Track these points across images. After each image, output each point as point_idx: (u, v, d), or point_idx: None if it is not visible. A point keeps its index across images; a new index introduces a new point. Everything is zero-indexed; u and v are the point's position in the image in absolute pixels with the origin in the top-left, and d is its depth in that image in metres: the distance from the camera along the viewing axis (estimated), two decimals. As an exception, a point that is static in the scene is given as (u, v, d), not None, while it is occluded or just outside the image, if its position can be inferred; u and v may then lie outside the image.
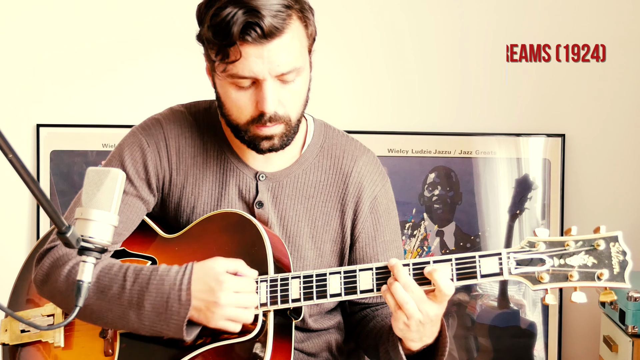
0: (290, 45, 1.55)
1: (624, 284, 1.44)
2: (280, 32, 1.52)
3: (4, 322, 1.83)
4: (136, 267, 1.61)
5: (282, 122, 1.60)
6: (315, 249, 1.74)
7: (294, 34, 1.55)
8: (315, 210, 1.73)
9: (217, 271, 1.54)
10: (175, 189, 1.73)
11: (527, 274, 1.48)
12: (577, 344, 2.97)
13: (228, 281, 1.53)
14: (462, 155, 2.96)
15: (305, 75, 1.61)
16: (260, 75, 1.54)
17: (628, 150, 2.94)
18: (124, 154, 1.72)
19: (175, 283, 1.55)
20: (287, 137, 1.63)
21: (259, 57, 1.52)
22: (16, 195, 2.99)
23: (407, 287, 1.49)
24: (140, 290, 1.57)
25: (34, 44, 3.00)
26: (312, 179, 1.74)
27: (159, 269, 1.58)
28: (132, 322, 1.59)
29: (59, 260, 1.65)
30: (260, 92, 1.56)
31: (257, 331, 1.57)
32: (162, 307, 1.55)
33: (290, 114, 1.61)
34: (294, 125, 1.63)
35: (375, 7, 2.98)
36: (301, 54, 1.58)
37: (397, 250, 1.79)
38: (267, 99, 1.55)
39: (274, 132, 1.61)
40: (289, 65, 1.55)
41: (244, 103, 1.58)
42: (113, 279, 1.60)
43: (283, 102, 1.59)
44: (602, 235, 1.47)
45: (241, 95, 1.58)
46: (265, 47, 1.52)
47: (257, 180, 1.72)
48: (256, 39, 1.50)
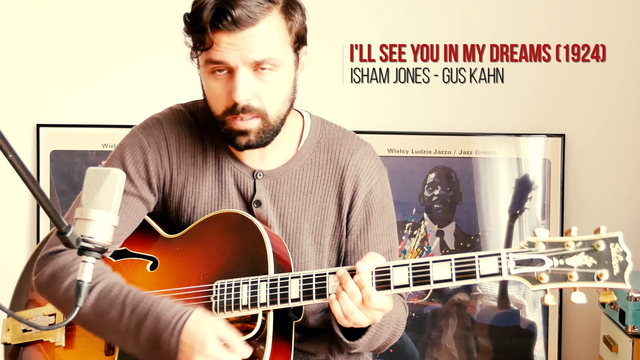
0: (266, 36, 1.56)
1: (624, 284, 1.44)
2: (254, 21, 1.54)
3: (6, 321, 1.83)
4: (136, 295, 1.60)
5: (258, 117, 1.60)
6: (316, 245, 1.74)
7: (271, 25, 1.57)
8: (313, 206, 1.73)
9: (206, 334, 1.52)
10: (176, 188, 1.74)
11: (526, 274, 1.47)
12: (577, 344, 2.97)
13: (211, 348, 1.51)
14: (462, 155, 2.96)
15: (285, 71, 1.61)
16: (232, 62, 1.56)
17: (628, 150, 2.94)
18: (124, 153, 1.72)
19: (168, 326, 1.54)
20: (264, 134, 1.63)
21: (230, 45, 1.55)
22: (16, 195, 2.99)
23: (353, 296, 1.51)
24: (138, 321, 1.57)
25: (34, 45, 3.00)
26: (309, 175, 1.74)
27: (160, 304, 1.57)
28: (130, 347, 1.60)
29: (59, 271, 1.65)
30: (233, 80, 1.57)
31: (256, 331, 1.57)
32: (155, 342, 1.55)
33: (267, 108, 1.61)
34: (272, 122, 1.63)
35: (375, 6, 2.98)
36: (279, 47, 1.59)
37: (390, 244, 1.78)
38: (238, 88, 1.56)
39: (249, 127, 1.61)
40: (262, 54, 1.56)
41: (219, 92, 1.60)
42: (112, 304, 1.59)
43: (259, 95, 1.59)
44: (602, 236, 1.46)
45: (217, 85, 1.60)
46: (237, 36, 1.54)
47: (254, 178, 1.72)
48: (227, 27, 1.53)
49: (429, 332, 2.98)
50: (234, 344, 1.53)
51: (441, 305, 2.98)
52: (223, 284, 1.61)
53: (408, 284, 1.52)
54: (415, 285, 1.52)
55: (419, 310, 2.98)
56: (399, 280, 1.52)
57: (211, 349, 1.51)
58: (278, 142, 1.70)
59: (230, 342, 1.53)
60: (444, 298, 2.97)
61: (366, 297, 1.51)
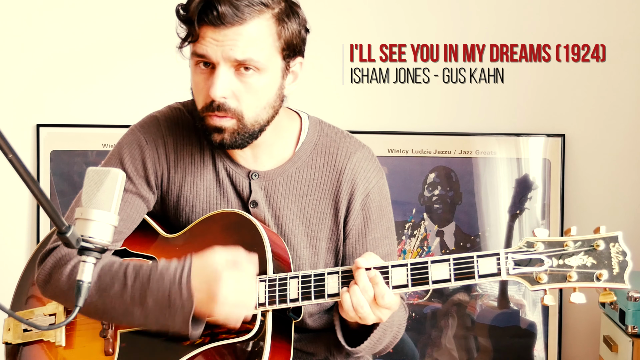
0: (251, 37, 1.56)
1: (624, 284, 1.44)
2: (241, 20, 1.54)
3: (7, 321, 1.83)
4: (136, 265, 1.61)
5: (233, 117, 1.60)
6: (311, 247, 1.74)
7: (259, 28, 1.56)
8: (309, 208, 1.73)
9: (215, 266, 1.54)
10: (174, 187, 1.74)
11: (525, 275, 1.47)
12: (577, 344, 2.97)
13: (226, 278, 1.53)
14: (462, 155, 2.96)
15: (269, 76, 1.60)
16: (213, 57, 1.56)
17: (628, 150, 2.94)
18: (122, 151, 1.72)
19: (175, 279, 1.55)
20: (238, 135, 1.62)
21: (214, 40, 1.55)
22: (16, 195, 2.99)
23: (365, 291, 1.51)
24: (142, 287, 1.57)
25: (34, 45, 3.00)
26: (305, 177, 1.74)
27: (159, 265, 1.59)
28: (137, 318, 1.59)
29: (61, 260, 1.66)
30: (212, 76, 1.58)
31: (255, 331, 1.57)
32: (164, 303, 1.55)
33: (244, 110, 1.60)
34: (248, 125, 1.61)
35: (375, 6, 2.98)
36: (264, 50, 1.58)
37: (389, 247, 1.78)
38: (216, 83, 1.56)
39: (224, 125, 1.60)
40: (244, 54, 1.55)
41: (201, 87, 1.61)
42: (114, 277, 1.60)
43: (237, 95, 1.59)
44: (602, 235, 1.46)
45: (200, 79, 1.61)
46: (222, 32, 1.55)
47: (249, 179, 1.72)
48: (212, 22, 1.54)
49: (429, 332, 2.98)
50: (241, 263, 1.56)
51: (441, 305, 2.98)
52: (222, 284, 1.61)
53: (407, 284, 1.52)
54: (414, 285, 1.52)
55: (419, 310, 2.98)
56: (397, 281, 1.53)
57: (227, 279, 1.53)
58: (271, 143, 1.70)
59: (238, 261, 1.55)
60: (444, 298, 2.97)
61: (379, 295, 1.51)
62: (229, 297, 1.54)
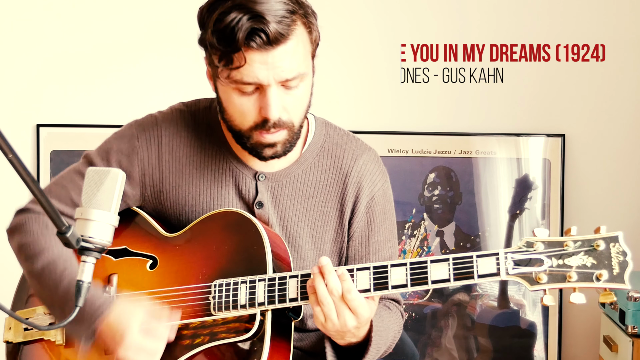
0: (295, 51, 1.55)
1: (624, 285, 1.43)
2: (285, 38, 1.52)
3: (8, 320, 1.83)
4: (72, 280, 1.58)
5: (286, 128, 1.61)
6: (316, 249, 1.74)
7: (298, 39, 1.55)
8: (315, 210, 1.74)
9: (127, 324, 1.54)
10: (169, 187, 1.74)
11: (524, 275, 1.47)
12: (577, 344, 2.97)
13: (129, 342, 1.53)
14: (462, 155, 2.96)
15: (308, 80, 1.62)
16: (264, 82, 1.54)
17: (628, 150, 2.94)
18: (112, 142, 1.75)
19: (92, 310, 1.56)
20: (289, 144, 1.64)
21: (263, 64, 1.52)
22: (16, 195, 2.98)
23: (332, 291, 1.50)
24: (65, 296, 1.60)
25: (34, 45, 3.00)
26: (311, 178, 1.74)
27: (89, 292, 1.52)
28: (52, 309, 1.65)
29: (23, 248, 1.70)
30: (264, 98, 1.56)
31: (254, 330, 1.57)
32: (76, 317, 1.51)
33: (294, 119, 1.61)
34: (296, 130, 1.64)
35: (376, 6, 2.98)
36: (305, 59, 1.58)
37: (391, 250, 1.79)
38: (272, 106, 1.55)
39: (277, 139, 1.61)
40: (293, 72, 1.55)
41: (247, 109, 1.58)
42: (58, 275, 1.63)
43: (287, 108, 1.59)
44: (602, 235, 1.45)
45: (244, 101, 1.58)
46: (270, 54, 1.51)
47: (256, 180, 1.72)
48: (261, 45, 1.50)
49: (429, 332, 2.98)
50: (154, 330, 1.55)
51: (441, 305, 2.98)
52: (222, 284, 1.61)
53: (406, 284, 1.52)
54: (413, 285, 1.52)
55: (419, 310, 2.98)
56: (396, 280, 1.52)
57: (131, 340, 1.52)
58: None
59: (151, 327, 1.54)
60: (444, 298, 2.97)
61: (346, 290, 1.50)
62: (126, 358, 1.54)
